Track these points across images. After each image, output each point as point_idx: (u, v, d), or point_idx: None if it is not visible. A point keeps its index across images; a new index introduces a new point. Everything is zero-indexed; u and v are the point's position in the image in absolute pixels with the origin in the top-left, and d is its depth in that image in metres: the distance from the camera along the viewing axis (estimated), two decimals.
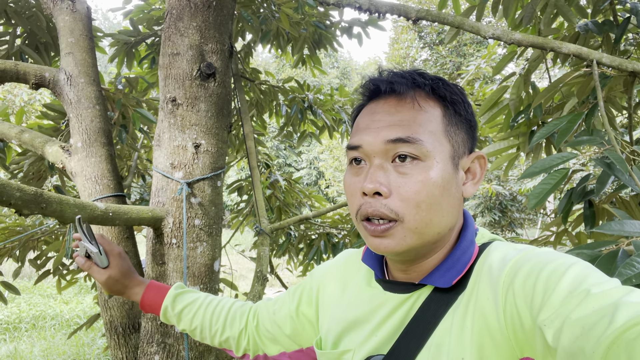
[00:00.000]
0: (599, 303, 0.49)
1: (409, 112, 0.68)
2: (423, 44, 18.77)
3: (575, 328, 0.48)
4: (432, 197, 0.66)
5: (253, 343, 1.03)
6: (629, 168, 1.32)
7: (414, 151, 0.66)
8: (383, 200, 0.66)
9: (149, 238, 1.82)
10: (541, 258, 0.59)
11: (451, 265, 0.69)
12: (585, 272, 0.54)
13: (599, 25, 1.97)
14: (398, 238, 0.67)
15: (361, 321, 0.78)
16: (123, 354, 1.92)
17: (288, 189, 4.00)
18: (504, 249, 0.67)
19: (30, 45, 2.78)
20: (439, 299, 0.69)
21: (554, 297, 0.53)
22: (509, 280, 0.60)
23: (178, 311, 1.08)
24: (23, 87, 9.37)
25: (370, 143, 0.68)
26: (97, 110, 1.96)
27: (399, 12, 1.79)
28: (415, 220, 0.66)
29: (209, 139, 1.81)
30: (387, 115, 0.69)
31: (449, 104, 0.70)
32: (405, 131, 0.67)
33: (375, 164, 0.68)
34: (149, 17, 3.16)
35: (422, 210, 0.66)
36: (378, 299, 0.77)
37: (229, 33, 1.91)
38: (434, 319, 0.67)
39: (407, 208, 0.65)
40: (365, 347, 0.75)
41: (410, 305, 0.72)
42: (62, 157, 1.95)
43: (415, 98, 0.69)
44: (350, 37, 3.40)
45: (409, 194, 0.65)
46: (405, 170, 0.66)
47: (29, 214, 1.26)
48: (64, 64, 1.96)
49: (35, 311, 7.08)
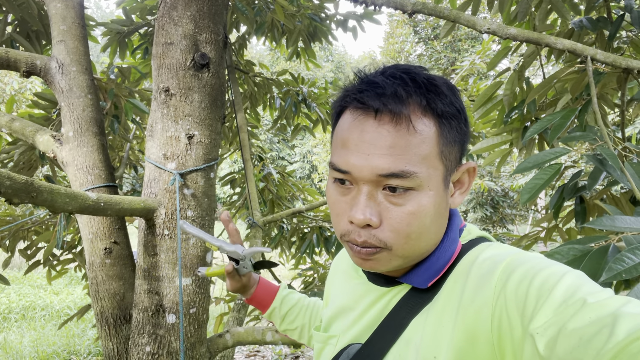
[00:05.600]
0: (596, 313, 0.48)
1: (402, 137, 0.61)
2: (418, 38, 18.76)
3: (572, 338, 0.47)
4: (423, 227, 0.64)
5: None
6: (621, 164, 1.33)
7: (406, 184, 0.62)
8: (372, 231, 0.64)
9: (140, 229, 1.81)
10: (534, 263, 0.58)
11: (430, 265, 0.69)
12: (579, 281, 0.54)
13: (593, 22, 1.98)
14: (384, 261, 0.66)
15: (347, 309, 0.81)
16: (114, 344, 1.91)
17: (281, 182, 3.99)
18: (491, 250, 0.66)
19: (21, 33, 2.74)
20: (416, 297, 0.69)
21: (547, 305, 0.52)
22: (501, 284, 0.58)
23: (284, 313, 1.12)
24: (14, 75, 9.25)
25: (360, 171, 0.63)
26: (89, 100, 1.94)
27: (395, 5, 1.78)
28: (403, 249, 0.65)
29: (203, 130, 1.80)
30: (378, 139, 0.61)
31: (445, 120, 0.64)
32: (398, 164, 0.61)
33: (363, 191, 0.63)
34: (142, 6, 3.13)
35: (411, 240, 0.64)
36: (362, 289, 0.79)
37: (223, 23, 1.90)
38: (408, 314, 0.68)
39: (396, 239, 0.63)
40: (347, 335, 0.78)
41: (389, 299, 0.73)
42: (53, 147, 1.93)
43: (410, 118, 0.61)
44: (345, 30, 3.39)
45: (400, 226, 0.63)
46: (396, 201, 0.63)
47: (19, 202, 1.25)
48: (55, 52, 1.93)
49: (25, 302, 7.04)
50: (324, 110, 3.78)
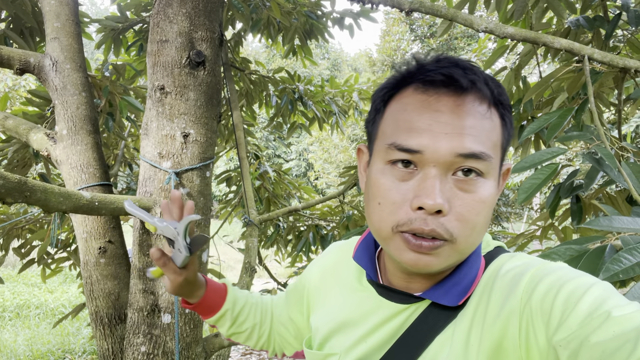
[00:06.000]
0: (621, 327, 0.46)
1: (478, 120, 0.58)
2: (414, 36, 18.76)
3: (594, 352, 0.46)
4: (487, 218, 0.60)
5: (274, 344, 1.00)
6: (618, 164, 1.33)
7: (482, 168, 0.58)
8: (441, 219, 0.57)
9: (136, 228, 1.80)
10: (560, 274, 0.56)
11: (457, 281, 0.64)
12: (605, 293, 0.52)
13: (590, 20, 1.98)
14: (443, 258, 0.59)
15: (350, 324, 0.73)
16: (109, 344, 1.90)
17: (277, 180, 3.98)
18: (514, 261, 0.64)
19: (15, 30, 2.71)
20: (438, 313, 0.64)
21: (572, 318, 0.50)
22: (527, 296, 0.56)
23: (236, 314, 0.95)
24: (7, 72, 9.18)
25: (436, 151, 0.57)
26: (83, 97, 1.92)
27: (392, 3, 1.78)
28: (466, 242, 0.59)
29: (198, 129, 1.79)
30: (455, 119, 0.57)
31: (506, 116, 0.62)
32: (479, 144, 0.57)
33: (433, 174, 0.58)
34: (137, 3, 3.10)
35: (475, 233, 0.59)
36: (370, 303, 0.71)
37: (219, 21, 1.88)
38: (431, 332, 0.63)
39: (463, 229, 0.58)
40: (352, 353, 0.71)
41: (406, 317, 0.67)
42: (47, 145, 1.91)
43: (489, 101, 0.59)
44: (341, 28, 3.38)
45: (469, 215, 0.58)
46: (467, 187, 0.58)
47: (13, 202, 1.24)
48: (49, 49, 1.91)
49: (19, 300, 7.00)
50: (320, 108, 3.77)
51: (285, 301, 0.96)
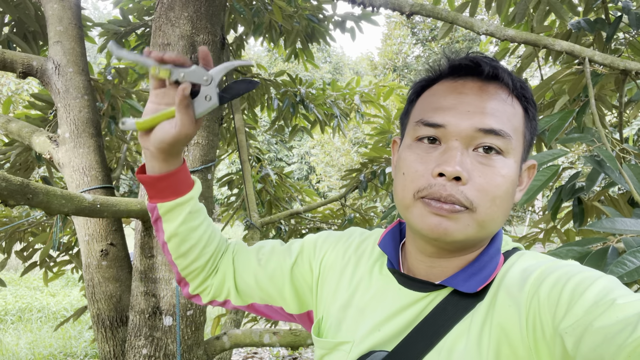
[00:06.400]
0: (624, 313, 0.48)
1: (500, 103, 0.64)
2: (416, 40, 18.79)
3: (597, 336, 0.48)
4: (507, 194, 0.63)
5: (219, 287, 0.90)
6: (619, 166, 1.33)
7: (502, 145, 0.63)
8: (460, 187, 0.61)
9: (137, 231, 1.80)
10: (568, 269, 0.58)
11: (477, 270, 0.66)
12: (611, 285, 0.54)
13: (591, 23, 1.98)
14: (462, 225, 0.62)
15: (366, 311, 0.73)
16: (110, 347, 1.90)
17: (279, 183, 3.98)
18: (527, 259, 0.66)
19: (18, 33, 2.73)
20: (457, 302, 0.65)
21: (578, 306, 0.52)
22: (534, 289, 0.58)
23: (195, 210, 0.85)
24: (10, 76, 9.22)
25: (458, 125, 0.63)
26: (85, 101, 1.93)
27: (393, 6, 1.78)
28: (486, 214, 0.62)
29: (200, 132, 1.79)
30: (478, 100, 0.64)
31: (530, 108, 0.67)
32: (499, 123, 0.63)
33: (454, 146, 0.63)
34: (139, 6, 3.12)
35: (495, 205, 0.62)
36: (390, 292, 0.72)
37: (221, 24, 1.89)
38: (448, 322, 0.64)
39: (483, 199, 0.62)
40: (367, 341, 0.70)
41: (425, 305, 0.68)
42: (50, 148, 1.92)
43: (510, 90, 0.66)
44: (343, 31, 3.39)
45: (489, 186, 0.62)
46: (487, 162, 0.63)
47: (15, 204, 1.24)
48: (52, 52, 1.92)
49: (22, 303, 7.00)
50: (321, 111, 3.77)
51: (285, 256, 0.87)
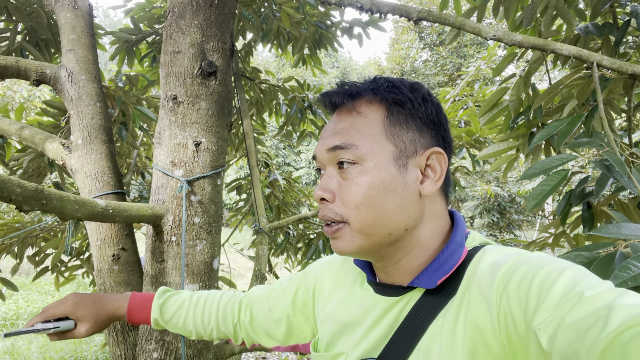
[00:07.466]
0: (593, 306, 0.49)
1: (348, 120, 0.72)
2: (423, 44, 18.79)
3: (570, 332, 0.49)
4: (370, 199, 0.68)
5: (246, 335, 1.06)
6: (628, 170, 1.33)
7: (350, 156, 0.70)
8: (329, 205, 0.71)
9: (148, 235, 1.82)
10: (535, 262, 0.59)
11: (438, 266, 0.70)
12: (578, 275, 0.55)
13: (599, 27, 1.98)
14: (347, 239, 0.70)
15: (353, 324, 0.79)
16: (121, 351, 1.92)
17: (287, 188, 4.00)
18: (495, 253, 0.67)
19: (31, 42, 2.78)
20: (430, 302, 0.69)
21: (547, 301, 0.53)
22: (503, 284, 0.59)
23: (167, 320, 1.08)
24: (22, 83, 9.35)
25: (320, 152, 0.74)
26: (97, 108, 1.96)
27: (401, 12, 1.79)
28: (358, 222, 0.69)
29: (210, 137, 1.81)
30: (332, 125, 0.74)
31: (394, 105, 0.72)
32: (341, 138, 0.71)
33: (325, 172, 0.74)
34: (149, 15, 3.16)
35: (362, 212, 0.69)
36: (369, 302, 0.77)
37: (230, 32, 1.91)
38: (423, 322, 0.67)
39: (348, 211, 0.69)
40: (357, 351, 0.75)
41: (400, 309, 0.72)
42: (63, 154, 1.95)
43: (354, 106, 0.73)
44: (350, 37, 3.41)
45: (348, 198, 0.69)
46: (346, 176, 0.70)
47: (29, 210, 1.26)
48: (65, 60, 1.96)
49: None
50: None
51: (285, 297, 1.00)
